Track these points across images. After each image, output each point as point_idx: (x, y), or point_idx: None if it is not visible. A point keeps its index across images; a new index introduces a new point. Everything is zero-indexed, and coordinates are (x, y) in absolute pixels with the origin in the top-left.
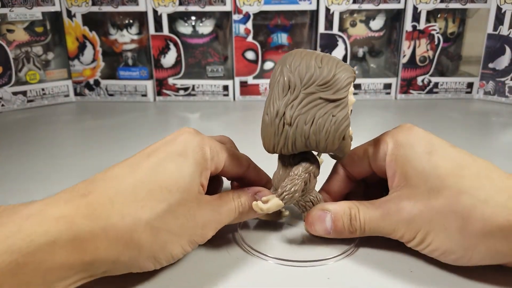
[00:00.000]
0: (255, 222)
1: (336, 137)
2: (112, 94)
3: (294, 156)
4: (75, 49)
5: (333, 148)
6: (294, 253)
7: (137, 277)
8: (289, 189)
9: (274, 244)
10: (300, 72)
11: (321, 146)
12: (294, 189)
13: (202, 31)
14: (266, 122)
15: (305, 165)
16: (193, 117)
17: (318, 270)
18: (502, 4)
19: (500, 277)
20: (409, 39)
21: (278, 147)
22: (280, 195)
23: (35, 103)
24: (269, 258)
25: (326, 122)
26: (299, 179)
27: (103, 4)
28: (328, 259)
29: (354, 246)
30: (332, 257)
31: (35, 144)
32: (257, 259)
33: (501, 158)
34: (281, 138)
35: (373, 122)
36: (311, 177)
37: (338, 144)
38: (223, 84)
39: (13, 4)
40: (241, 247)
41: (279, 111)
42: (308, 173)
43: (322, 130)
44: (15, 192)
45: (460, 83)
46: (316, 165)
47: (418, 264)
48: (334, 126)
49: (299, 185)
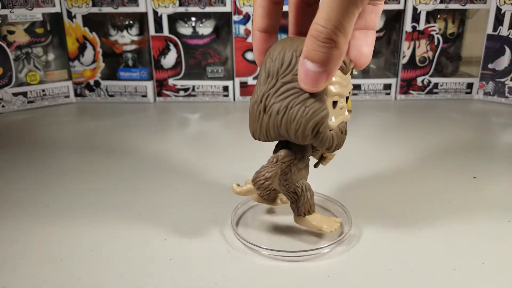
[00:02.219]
0: (250, 216)
1: (308, 129)
2: (112, 95)
3: (277, 144)
4: (75, 50)
5: (306, 140)
6: (287, 244)
7: (137, 277)
8: (260, 177)
9: (267, 235)
10: (279, 60)
11: (292, 136)
12: (265, 176)
13: (202, 32)
14: (250, 109)
15: (281, 154)
16: (193, 117)
17: (313, 262)
18: (501, 4)
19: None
20: (409, 40)
21: (257, 134)
22: (253, 181)
23: (36, 104)
24: (263, 250)
25: (298, 113)
26: (273, 167)
27: (103, 5)
28: (321, 248)
29: (345, 236)
30: (325, 246)
31: (35, 145)
32: (253, 252)
33: (501, 158)
34: (258, 125)
35: (373, 123)
36: (291, 167)
37: (311, 136)
38: (223, 84)
39: (13, 5)
40: (239, 241)
41: (257, 99)
42: (284, 163)
43: (293, 120)
44: (15, 193)
45: (460, 83)
46: (298, 157)
47: (418, 263)
48: (305, 118)
49: (271, 173)
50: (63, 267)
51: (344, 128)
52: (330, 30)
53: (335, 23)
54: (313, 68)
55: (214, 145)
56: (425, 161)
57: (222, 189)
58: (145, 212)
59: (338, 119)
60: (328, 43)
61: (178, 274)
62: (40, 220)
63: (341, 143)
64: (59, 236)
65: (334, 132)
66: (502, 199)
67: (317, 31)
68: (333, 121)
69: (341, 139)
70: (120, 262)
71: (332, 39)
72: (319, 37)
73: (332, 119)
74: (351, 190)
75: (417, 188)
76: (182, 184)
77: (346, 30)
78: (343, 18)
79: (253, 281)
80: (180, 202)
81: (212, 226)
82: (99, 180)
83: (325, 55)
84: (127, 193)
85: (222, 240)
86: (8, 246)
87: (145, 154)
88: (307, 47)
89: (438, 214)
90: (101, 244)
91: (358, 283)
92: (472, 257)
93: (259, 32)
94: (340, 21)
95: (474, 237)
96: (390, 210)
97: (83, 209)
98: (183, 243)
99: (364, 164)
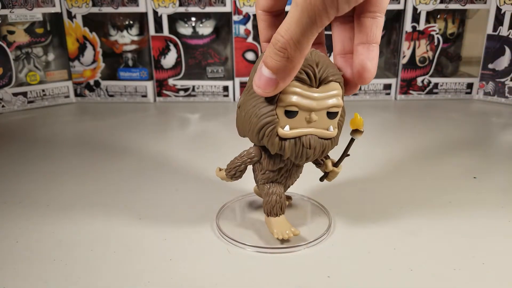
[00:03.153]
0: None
1: (255, 130)
2: (112, 95)
3: None
4: (75, 50)
5: (255, 140)
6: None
7: (137, 277)
8: (230, 165)
9: (251, 233)
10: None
11: (247, 135)
12: (231, 167)
13: (202, 32)
14: None
15: (250, 150)
16: (193, 117)
17: (313, 262)
18: (501, 5)
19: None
20: (409, 40)
21: (237, 130)
22: (226, 169)
23: (36, 104)
24: (247, 247)
25: (252, 115)
26: (240, 160)
27: (103, 5)
28: (301, 245)
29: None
30: (305, 243)
31: (35, 145)
32: (253, 252)
33: (501, 158)
34: (236, 120)
35: (373, 123)
36: (257, 166)
37: (258, 138)
38: (223, 84)
39: (13, 5)
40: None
41: (240, 98)
42: (249, 160)
43: (248, 119)
44: (15, 193)
45: (460, 83)
46: (267, 160)
47: (418, 263)
48: (255, 119)
49: (236, 165)
50: (63, 267)
51: (309, 143)
52: (286, 40)
53: (292, 36)
54: (266, 74)
55: (214, 145)
56: (425, 161)
57: (222, 189)
58: (145, 212)
59: (297, 131)
60: (282, 53)
61: (178, 274)
62: (40, 220)
63: (300, 156)
64: (59, 236)
65: (288, 141)
66: (502, 199)
67: (275, 39)
68: (286, 130)
69: (300, 152)
70: (120, 262)
71: (287, 49)
72: (276, 45)
73: (286, 128)
74: (351, 190)
75: (417, 188)
76: (182, 184)
77: (302, 46)
78: (300, 33)
79: (253, 281)
80: (180, 202)
81: (212, 226)
82: (99, 180)
83: (278, 63)
84: (127, 193)
85: (222, 240)
86: (8, 246)
87: (145, 154)
88: (266, 53)
89: (438, 214)
90: (101, 244)
91: (358, 283)
92: (472, 257)
93: (262, 11)
94: (297, 36)
95: (474, 237)
96: (390, 210)
97: (83, 209)
98: (183, 243)
99: (364, 164)
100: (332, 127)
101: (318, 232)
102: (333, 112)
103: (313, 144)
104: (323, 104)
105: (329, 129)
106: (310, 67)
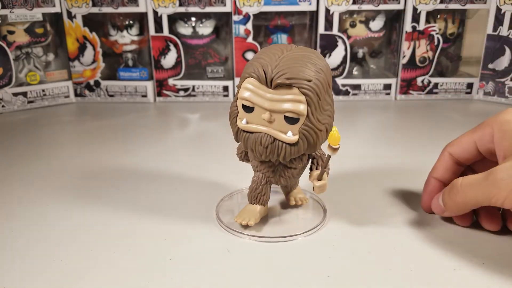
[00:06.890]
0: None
1: None
2: (112, 95)
3: None
4: (75, 50)
5: None
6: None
7: (137, 277)
8: None
9: None
10: None
11: None
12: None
13: (202, 32)
14: None
15: None
16: (193, 117)
17: (313, 262)
18: (501, 5)
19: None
20: (409, 40)
21: None
22: None
23: (35, 104)
24: (245, 236)
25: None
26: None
27: (103, 5)
28: (296, 235)
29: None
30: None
31: (35, 145)
32: (253, 252)
33: None
34: None
35: (373, 123)
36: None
37: (236, 137)
38: (223, 84)
39: (13, 5)
40: (239, 241)
41: None
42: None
43: None
44: (15, 193)
45: (460, 83)
46: None
47: (418, 263)
48: None
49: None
50: (63, 267)
51: (260, 140)
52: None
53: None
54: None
55: (214, 145)
56: (425, 161)
57: (222, 189)
58: (145, 212)
59: (254, 126)
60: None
61: (178, 274)
62: (40, 220)
63: (255, 151)
64: (59, 236)
65: (244, 134)
66: None
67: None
68: (244, 123)
69: (259, 150)
70: (120, 262)
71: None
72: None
73: (244, 121)
74: (351, 190)
75: (417, 188)
76: (182, 184)
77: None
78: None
79: (253, 281)
80: (180, 202)
81: (212, 226)
82: (99, 180)
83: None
84: (127, 193)
85: (222, 240)
86: (8, 246)
87: (145, 154)
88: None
89: None
90: (101, 244)
91: (358, 283)
92: (472, 257)
93: (435, 179)
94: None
95: (474, 237)
96: (390, 209)
97: (83, 209)
98: (183, 243)
99: (363, 164)
100: (292, 133)
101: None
102: (291, 117)
103: (264, 143)
104: (276, 106)
105: (288, 133)
106: (267, 67)
